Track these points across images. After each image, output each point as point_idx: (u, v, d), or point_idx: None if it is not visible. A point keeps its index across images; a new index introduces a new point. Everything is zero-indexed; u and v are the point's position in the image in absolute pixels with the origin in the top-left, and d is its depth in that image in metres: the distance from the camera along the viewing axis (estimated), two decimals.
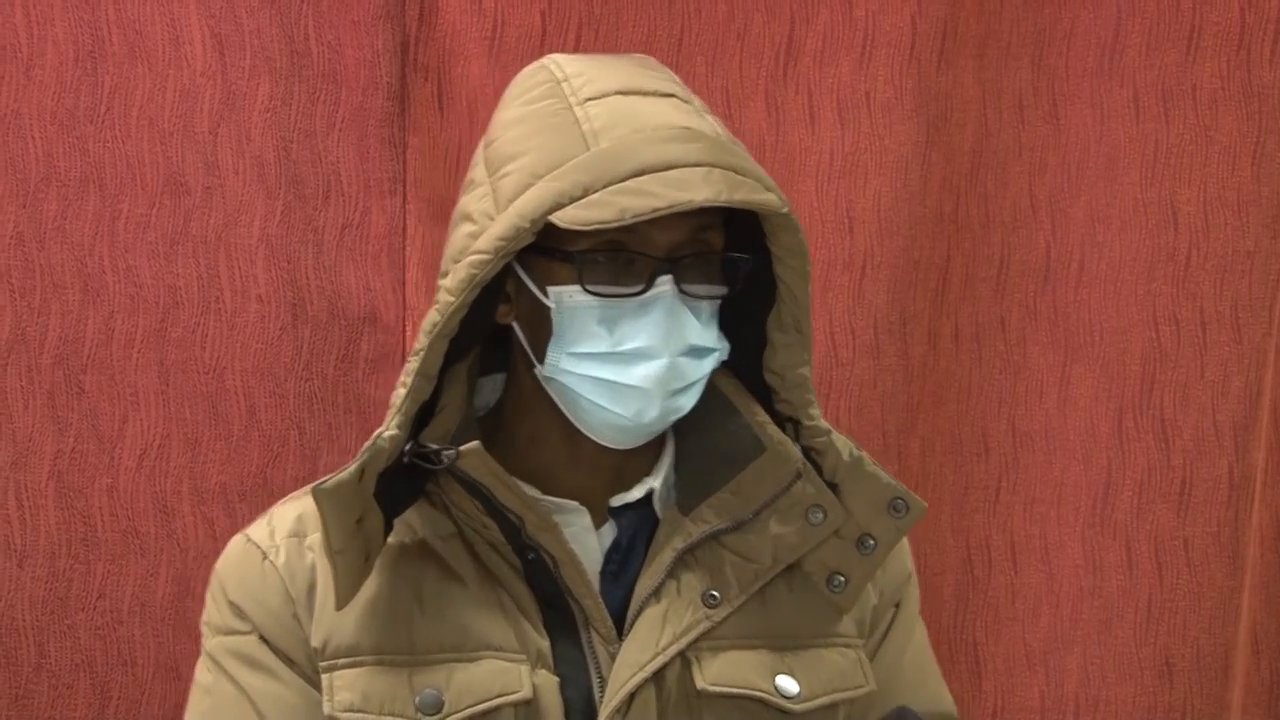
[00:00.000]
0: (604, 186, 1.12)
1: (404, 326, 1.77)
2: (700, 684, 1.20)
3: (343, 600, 1.18)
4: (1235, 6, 1.82)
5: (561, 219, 1.12)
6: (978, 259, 1.87)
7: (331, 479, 1.14)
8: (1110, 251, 1.86)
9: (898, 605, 1.34)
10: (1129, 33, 1.83)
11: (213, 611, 1.27)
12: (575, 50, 1.76)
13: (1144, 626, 1.88)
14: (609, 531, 1.26)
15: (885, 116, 1.81)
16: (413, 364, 1.19)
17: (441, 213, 1.78)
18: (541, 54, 1.78)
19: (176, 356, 1.73)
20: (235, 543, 1.28)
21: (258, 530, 1.28)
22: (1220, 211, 1.85)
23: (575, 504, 1.24)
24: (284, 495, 1.75)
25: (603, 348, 1.17)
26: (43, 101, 1.68)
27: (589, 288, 1.17)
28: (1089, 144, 1.85)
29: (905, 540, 1.34)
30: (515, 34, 1.76)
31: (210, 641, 1.25)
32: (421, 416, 1.22)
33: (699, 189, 1.12)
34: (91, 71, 1.69)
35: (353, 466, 1.15)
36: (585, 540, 1.24)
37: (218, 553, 1.73)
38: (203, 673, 1.25)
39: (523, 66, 1.76)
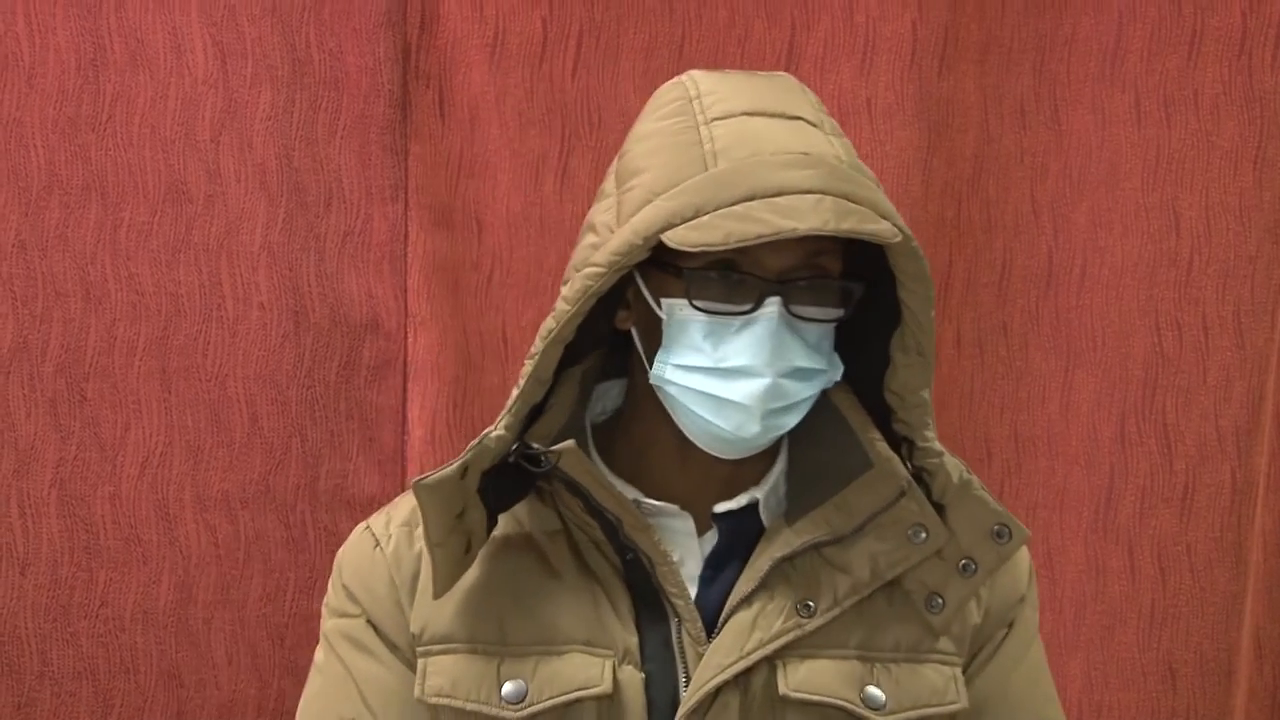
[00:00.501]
0: (713, 209, 1.14)
1: (405, 333, 1.76)
2: (783, 689, 1.21)
3: (440, 590, 1.22)
4: (1236, 12, 1.82)
5: (671, 239, 1.14)
6: (980, 264, 1.87)
7: (433, 475, 1.18)
8: (1112, 256, 1.86)
9: (1010, 625, 1.33)
10: (1130, 38, 1.83)
11: (330, 594, 1.31)
12: (575, 58, 1.76)
13: (1147, 631, 1.88)
14: (711, 537, 1.28)
15: (886, 122, 1.81)
16: (527, 367, 1.22)
17: (443, 219, 1.78)
18: (542, 61, 1.79)
19: (178, 364, 1.73)
20: (356, 530, 1.33)
21: (376, 518, 1.33)
22: (1222, 216, 1.85)
23: (676, 508, 1.27)
24: (286, 502, 1.77)
25: (706, 362, 1.19)
26: (44, 109, 1.68)
27: (696, 304, 1.18)
28: (1090, 149, 1.85)
29: (1026, 563, 1.35)
30: (516, 41, 1.76)
31: (327, 623, 1.30)
32: (534, 418, 1.26)
33: (806, 217, 1.12)
34: (93, 79, 1.69)
35: (456, 464, 1.18)
36: (687, 544, 1.27)
37: (220, 559, 1.76)
38: (318, 651, 1.31)
39: (524, 73, 1.78)
